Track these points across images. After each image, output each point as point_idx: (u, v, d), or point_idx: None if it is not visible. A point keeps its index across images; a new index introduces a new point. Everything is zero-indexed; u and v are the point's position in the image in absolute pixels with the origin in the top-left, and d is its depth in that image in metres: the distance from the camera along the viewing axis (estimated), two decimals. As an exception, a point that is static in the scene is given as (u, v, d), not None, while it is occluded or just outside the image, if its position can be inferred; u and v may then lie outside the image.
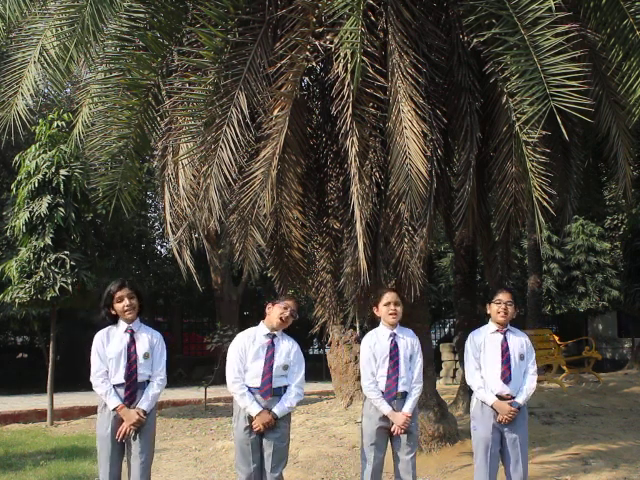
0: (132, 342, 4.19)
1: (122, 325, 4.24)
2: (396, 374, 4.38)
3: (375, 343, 4.46)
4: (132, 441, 4.14)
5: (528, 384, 4.45)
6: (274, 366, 4.18)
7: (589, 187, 9.91)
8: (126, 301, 4.18)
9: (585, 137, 7.51)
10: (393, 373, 4.38)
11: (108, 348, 4.17)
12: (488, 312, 4.59)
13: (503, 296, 4.50)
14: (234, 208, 5.70)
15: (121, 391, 4.13)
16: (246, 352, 4.21)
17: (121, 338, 4.20)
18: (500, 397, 4.40)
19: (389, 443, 4.49)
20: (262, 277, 15.22)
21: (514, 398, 4.40)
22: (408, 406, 4.38)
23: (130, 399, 4.13)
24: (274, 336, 4.27)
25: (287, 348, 4.27)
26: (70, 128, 8.35)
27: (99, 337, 4.20)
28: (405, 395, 4.41)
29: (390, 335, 4.47)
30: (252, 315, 20.93)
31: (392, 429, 4.36)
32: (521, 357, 4.46)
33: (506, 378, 4.39)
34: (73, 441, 8.42)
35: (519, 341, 4.51)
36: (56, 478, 6.46)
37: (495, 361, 4.44)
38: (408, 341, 4.50)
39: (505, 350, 4.44)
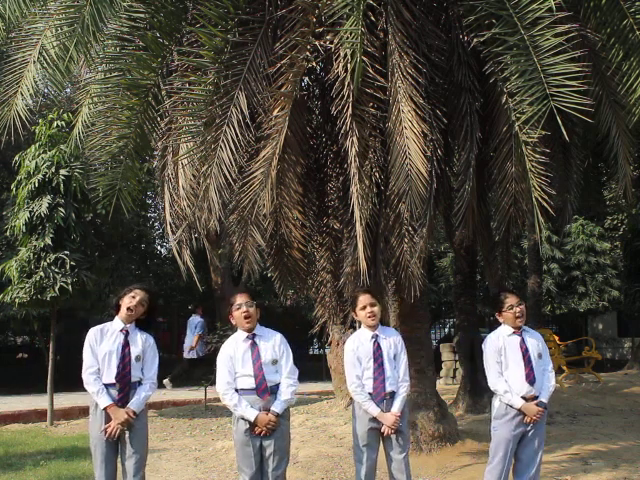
0: (126, 343, 4.19)
1: (118, 323, 4.25)
2: (382, 375, 4.36)
3: (358, 346, 4.43)
4: (125, 442, 4.14)
5: (549, 382, 4.50)
6: (263, 364, 4.16)
7: (589, 187, 9.89)
8: (137, 300, 4.20)
9: (585, 137, 7.51)
10: (379, 374, 4.36)
11: (101, 346, 4.17)
12: (502, 321, 4.57)
13: (512, 300, 4.49)
14: (234, 208, 5.71)
15: (113, 391, 4.14)
16: (233, 360, 4.20)
17: (115, 337, 4.20)
18: (524, 398, 4.42)
19: (381, 443, 4.49)
20: (262, 277, 15.22)
21: (537, 397, 4.43)
22: (397, 406, 4.37)
23: (123, 400, 4.14)
24: (254, 335, 4.26)
25: (270, 343, 4.25)
26: (70, 128, 8.35)
27: (93, 333, 4.20)
28: (393, 395, 4.40)
29: (372, 337, 4.44)
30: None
31: (382, 430, 4.35)
32: (539, 356, 4.49)
33: (531, 379, 4.41)
34: (73, 441, 8.42)
35: (535, 341, 4.54)
36: (56, 478, 6.46)
37: (517, 363, 4.44)
38: (391, 341, 4.48)
39: (525, 351, 4.45)
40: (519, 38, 4.77)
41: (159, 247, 19.84)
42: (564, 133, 4.76)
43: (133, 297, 4.23)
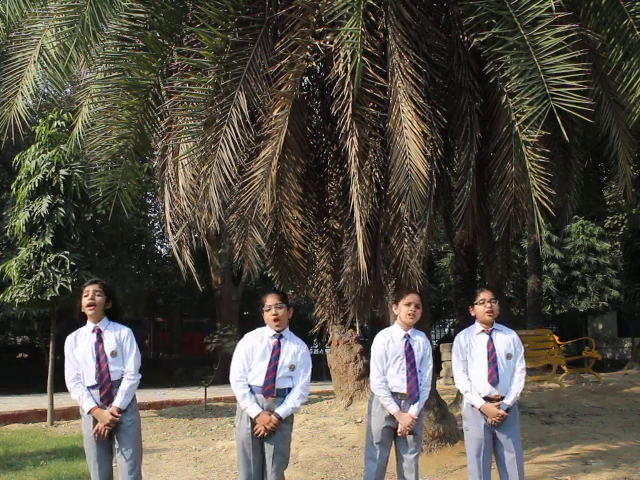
0: (99, 341, 4.18)
1: (89, 325, 4.25)
2: (415, 375, 4.38)
3: (389, 341, 4.45)
4: (117, 439, 4.15)
5: (515, 384, 4.44)
6: (279, 366, 4.16)
7: (589, 187, 9.89)
8: (90, 295, 4.19)
9: (585, 137, 7.50)
10: (412, 375, 4.37)
11: (76, 350, 4.18)
12: (473, 314, 4.59)
13: (485, 295, 4.51)
14: (234, 208, 5.71)
15: (96, 392, 4.14)
16: (253, 352, 4.19)
17: (89, 339, 4.20)
18: (489, 398, 4.40)
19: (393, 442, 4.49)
20: (262, 277, 15.23)
21: (504, 398, 4.40)
22: (415, 408, 4.37)
23: (107, 399, 4.14)
24: (281, 336, 4.25)
25: (294, 349, 4.24)
26: (70, 128, 8.35)
27: (68, 342, 4.22)
28: None
29: (404, 336, 4.46)
30: (252, 315, 20.93)
31: (398, 430, 4.36)
32: (508, 356, 4.45)
33: (493, 380, 4.38)
34: (73, 441, 8.42)
35: (506, 340, 4.50)
36: (56, 478, 6.46)
37: (482, 363, 4.43)
38: (421, 343, 4.50)
39: (491, 351, 4.43)
40: (519, 38, 4.76)
41: (159, 247, 19.89)
42: (564, 133, 4.76)
43: (86, 295, 4.22)
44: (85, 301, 4.20)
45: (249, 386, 4.16)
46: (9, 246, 13.67)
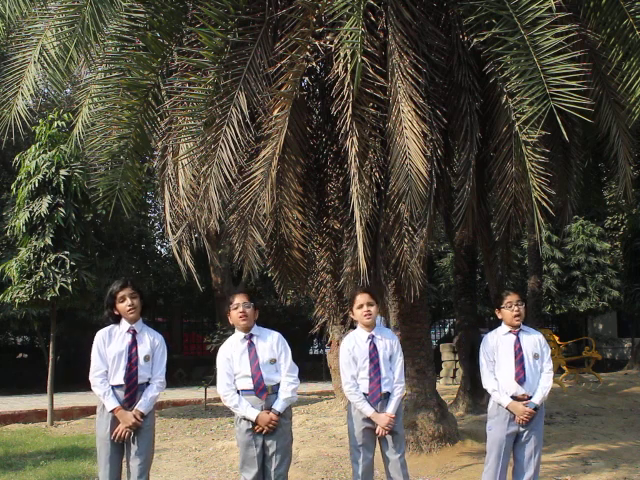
0: (134, 343, 4.18)
1: (124, 325, 4.24)
2: (378, 376, 4.36)
3: (354, 346, 4.44)
4: (131, 442, 4.13)
5: (543, 383, 4.46)
6: (260, 364, 4.17)
7: (589, 187, 9.90)
8: (128, 301, 4.19)
9: (585, 137, 7.51)
10: (375, 375, 4.36)
11: (109, 347, 4.17)
12: (500, 318, 4.58)
13: (512, 297, 4.50)
14: (234, 208, 5.71)
15: (120, 392, 4.13)
16: (231, 361, 4.21)
17: (123, 338, 4.19)
18: (516, 398, 4.40)
19: (378, 443, 4.48)
20: (262, 277, 15.22)
21: (531, 398, 4.41)
22: (391, 407, 4.36)
23: (130, 401, 4.13)
24: (251, 335, 4.27)
25: (269, 342, 4.26)
26: (70, 128, 8.36)
27: (101, 335, 4.20)
28: (388, 396, 4.40)
29: (368, 337, 4.44)
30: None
31: (377, 431, 4.35)
32: (535, 356, 4.47)
33: (520, 379, 4.40)
34: (73, 441, 8.43)
35: (533, 340, 4.52)
36: (56, 478, 6.46)
37: (509, 362, 4.44)
38: (387, 342, 4.47)
39: (518, 350, 4.44)
40: (519, 38, 4.77)
41: (159, 247, 19.86)
42: (564, 133, 4.76)
43: (122, 301, 4.19)
44: (125, 307, 4.19)
45: (238, 392, 4.16)
46: (9, 246, 13.67)
